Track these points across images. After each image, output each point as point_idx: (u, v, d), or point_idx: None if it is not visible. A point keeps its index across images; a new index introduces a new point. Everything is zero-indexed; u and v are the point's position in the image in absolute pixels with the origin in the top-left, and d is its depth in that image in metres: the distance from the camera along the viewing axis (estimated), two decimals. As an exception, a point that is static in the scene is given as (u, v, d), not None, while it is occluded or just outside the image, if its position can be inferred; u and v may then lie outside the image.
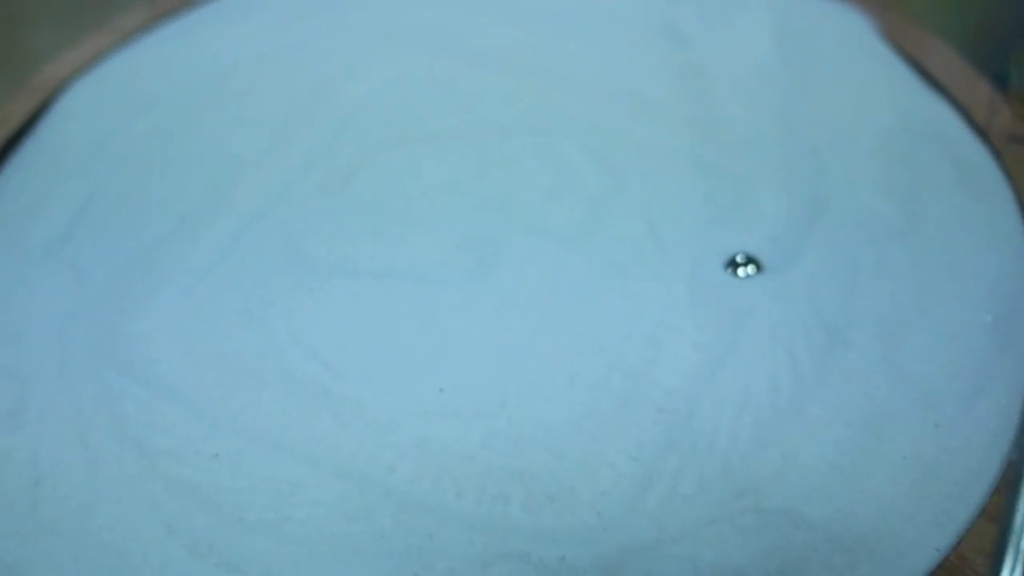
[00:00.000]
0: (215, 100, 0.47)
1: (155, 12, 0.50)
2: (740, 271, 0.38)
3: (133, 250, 0.42)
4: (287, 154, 0.45)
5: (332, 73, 0.47)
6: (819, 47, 0.46)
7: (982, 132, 0.42)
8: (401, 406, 0.37)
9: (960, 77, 0.44)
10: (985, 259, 0.39)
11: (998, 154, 0.41)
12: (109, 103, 0.47)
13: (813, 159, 0.42)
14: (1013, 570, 0.28)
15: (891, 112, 0.43)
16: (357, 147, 0.45)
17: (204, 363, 0.39)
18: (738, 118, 0.44)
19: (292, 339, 0.39)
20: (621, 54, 0.47)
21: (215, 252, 0.42)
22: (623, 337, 0.38)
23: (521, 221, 0.42)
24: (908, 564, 0.33)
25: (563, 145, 0.44)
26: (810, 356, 0.37)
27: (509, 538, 0.34)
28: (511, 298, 0.40)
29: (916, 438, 0.35)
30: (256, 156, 0.45)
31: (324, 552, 0.35)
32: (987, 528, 0.33)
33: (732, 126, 0.43)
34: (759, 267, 0.38)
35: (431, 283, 0.40)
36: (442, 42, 0.48)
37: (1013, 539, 0.28)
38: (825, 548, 0.33)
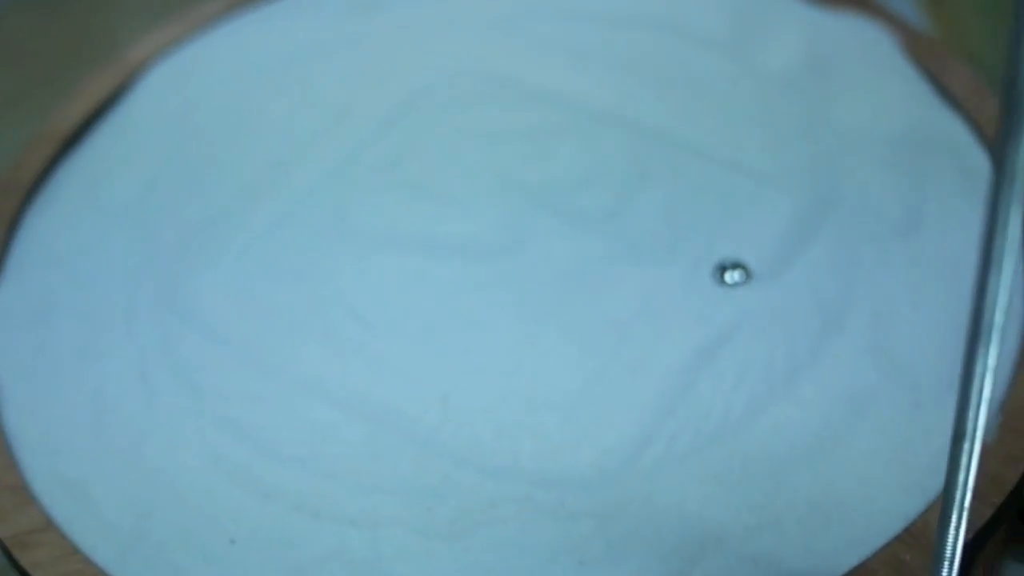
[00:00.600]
0: (284, 83, 0.51)
1: (234, 1, 0.55)
2: (727, 276, 0.41)
3: (199, 213, 0.46)
4: (344, 136, 0.49)
5: (394, 64, 0.51)
6: (844, 61, 0.49)
7: (987, 142, 0.45)
8: (428, 363, 0.41)
9: (974, 93, 0.46)
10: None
11: (1000, 165, 0.44)
12: (186, 82, 0.51)
13: (828, 163, 0.45)
14: (959, 525, 0.31)
15: (905, 122, 0.46)
16: (409, 133, 0.48)
17: (256, 316, 0.43)
18: (763, 123, 0.47)
19: (336, 299, 0.43)
20: (662, 60, 0.50)
21: (273, 219, 0.46)
22: (634, 313, 0.42)
23: (552, 207, 0.45)
24: (877, 528, 0.36)
25: (598, 141, 0.47)
26: (806, 339, 0.40)
27: (516, 483, 0.38)
28: (535, 273, 0.43)
29: (896, 417, 0.38)
30: (316, 136, 0.49)
31: (348, 486, 0.38)
32: (955, 501, 0.36)
33: (757, 130, 0.47)
34: (748, 273, 0.41)
35: (465, 256, 0.44)
36: (495, 40, 0.52)
37: (958, 496, 0.30)
38: (803, 509, 0.37)
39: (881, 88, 0.47)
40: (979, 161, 0.45)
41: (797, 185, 0.45)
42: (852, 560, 0.35)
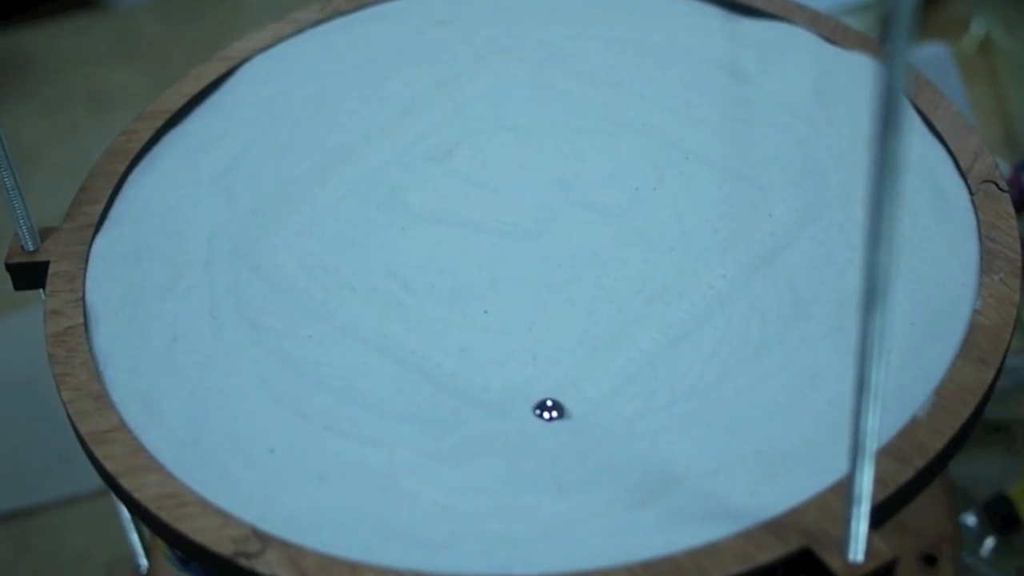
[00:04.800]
0: (360, 81, 0.58)
1: (327, 10, 0.63)
2: (545, 414, 0.45)
3: (276, 184, 0.54)
4: (406, 128, 0.56)
5: (454, 71, 0.58)
6: (849, 92, 0.55)
7: (963, 173, 0.51)
8: (454, 320, 0.48)
9: (957, 128, 0.52)
10: (938, 269, 0.47)
11: (971, 192, 0.50)
12: (278, 74, 0.59)
13: (820, 177, 0.51)
14: (863, 467, 0.36)
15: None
16: (462, 129, 0.56)
17: (313, 271, 0.50)
18: (769, 140, 0.53)
19: (382, 262, 0.50)
20: (687, 80, 0.57)
21: (337, 193, 0.53)
22: (635, 291, 0.48)
23: (577, 198, 0.52)
24: (816, 481, 0.42)
25: (622, 145, 0.54)
26: (777, 321, 0.46)
27: (508, 422, 0.44)
28: (555, 253, 0.50)
29: (843, 390, 0.44)
30: (383, 126, 0.56)
31: (373, 412, 0.45)
32: (887, 463, 0.41)
33: (762, 146, 0.53)
34: (561, 412, 0.45)
35: (496, 235, 0.51)
36: (546, 57, 0.59)
37: (861, 441, 0.36)
38: (753, 459, 0.42)
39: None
40: (951, 185, 0.50)
41: (791, 195, 0.51)
42: (790, 504, 0.41)
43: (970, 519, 0.65)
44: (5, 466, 0.78)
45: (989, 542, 0.65)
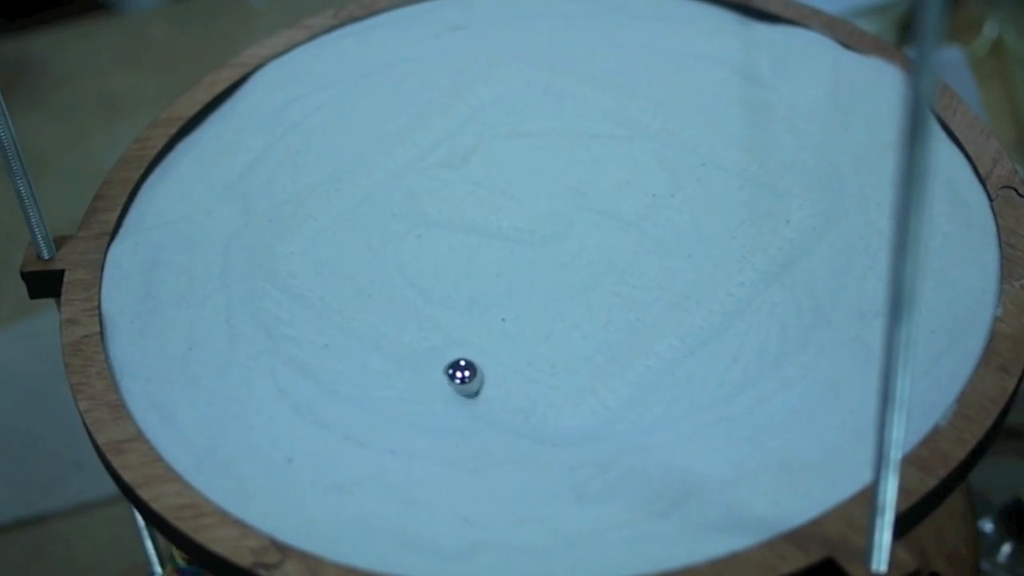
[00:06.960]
0: (374, 87, 0.58)
1: (340, 16, 0.62)
2: (458, 374, 0.45)
3: (290, 191, 0.54)
4: (420, 135, 0.55)
5: (469, 77, 0.58)
6: (866, 97, 0.54)
7: (982, 179, 0.51)
8: (471, 329, 0.48)
9: (975, 133, 0.52)
10: (958, 275, 0.47)
11: (991, 197, 0.50)
12: (291, 80, 0.58)
13: (838, 184, 0.51)
14: (887, 477, 0.36)
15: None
16: (477, 136, 0.55)
17: (329, 280, 0.50)
18: (786, 146, 0.53)
19: (398, 270, 0.50)
20: (702, 86, 0.56)
21: (352, 200, 0.53)
22: (653, 298, 0.48)
23: (593, 205, 0.52)
24: (838, 491, 0.41)
25: (638, 151, 0.54)
26: (797, 329, 0.46)
27: (527, 431, 0.44)
28: (572, 260, 0.50)
29: (865, 398, 0.44)
30: (397, 133, 0.56)
31: (390, 422, 0.45)
32: (909, 472, 0.41)
33: (779, 151, 0.53)
34: (473, 372, 0.45)
35: (513, 242, 0.51)
36: (561, 63, 0.58)
37: (885, 452, 0.36)
38: (774, 469, 0.42)
39: (894, 123, 0.53)
40: (970, 191, 0.50)
41: (809, 202, 0.51)
42: (812, 514, 0.41)
43: (987, 525, 0.65)
44: (17, 473, 0.78)
45: (1006, 548, 0.65)
